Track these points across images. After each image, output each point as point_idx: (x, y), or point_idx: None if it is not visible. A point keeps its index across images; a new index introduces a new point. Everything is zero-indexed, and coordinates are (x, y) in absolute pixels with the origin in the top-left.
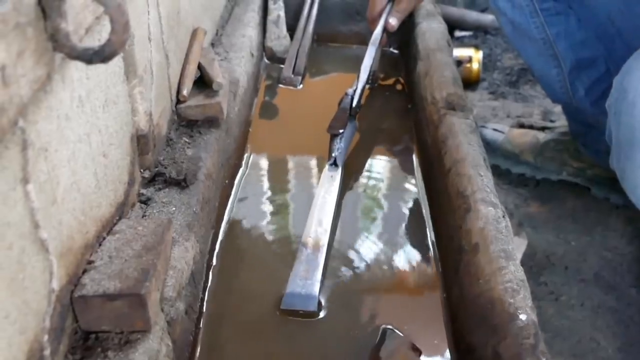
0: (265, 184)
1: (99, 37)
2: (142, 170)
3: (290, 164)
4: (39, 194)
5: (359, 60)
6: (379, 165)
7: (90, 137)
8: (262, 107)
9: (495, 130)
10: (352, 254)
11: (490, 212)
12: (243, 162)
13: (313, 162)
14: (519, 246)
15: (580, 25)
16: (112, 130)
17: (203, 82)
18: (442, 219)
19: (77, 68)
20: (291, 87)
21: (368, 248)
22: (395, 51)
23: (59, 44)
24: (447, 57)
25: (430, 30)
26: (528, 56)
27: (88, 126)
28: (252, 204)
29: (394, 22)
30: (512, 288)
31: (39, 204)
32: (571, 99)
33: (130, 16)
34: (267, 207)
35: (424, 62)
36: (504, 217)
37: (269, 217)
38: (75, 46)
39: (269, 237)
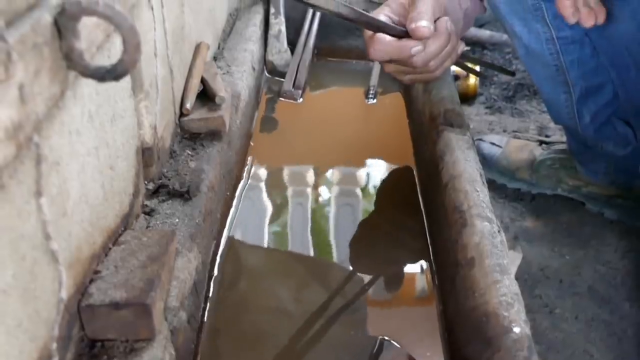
0: (266, 196)
1: (109, 53)
2: (146, 182)
3: (290, 177)
4: (50, 206)
5: (358, 74)
6: (378, 178)
7: (99, 151)
8: (263, 120)
9: (492, 144)
10: (349, 265)
11: (485, 227)
12: (244, 175)
13: (312, 175)
14: (514, 260)
15: (594, 53)
16: (119, 144)
17: (206, 96)
18: (439, 233)
19: (87, 84)
20: (292, 101)
21: (365, 259)
22: None
23: (73, 63)
24: (444, 75)
25: None
26: (538, 79)
27: (97, 140)
28: (253, 215)
29: (424, 22)
30: (506, 302)
31: (51, 216)
32: (576, 125)
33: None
34: (267, 219)
35: None
36: (499, 232)
37: (268, 229)
38: (89, 65)
39: (269, 248)
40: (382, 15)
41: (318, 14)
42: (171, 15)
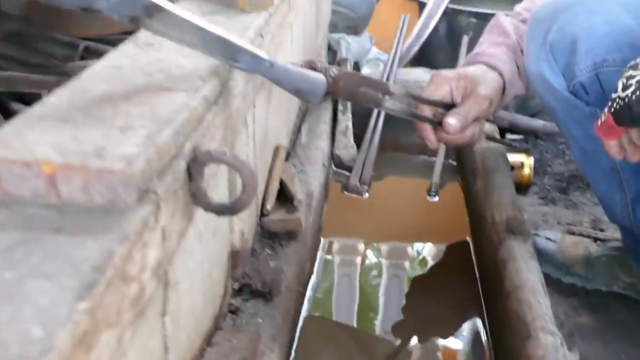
0: (335, 292)
1: (216, 177)
2: (232, 281)
3: (358, 273)
4: (170, 322)
5: (420, 167)
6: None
7: (203, 264)
8: (330, 215)
9: (547, 239)
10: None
11: (549, 340)
12: (315, 270)
13: (376, 271)
14: None
15: None
16: (216, 253)
17: (283, 195)
18: (501, 341)
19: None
20: (357, 196)
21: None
22: (454, 162)
23: (198, 200)
24: (506, 179)
25: (489, 148)
26: (593, 179)
27: (202, 255)
28: (323, 310)
29: (453, 122)
30: None
31: (170, 331)
32: (631, 224)
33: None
34: (337, 314)
35: (483, 180)
36: (562, 345)
37: (339, 324)
38: (211, 202)
39: (340, 343)
40: (447, 85)
41: (384, 111)
42: (259, 127)
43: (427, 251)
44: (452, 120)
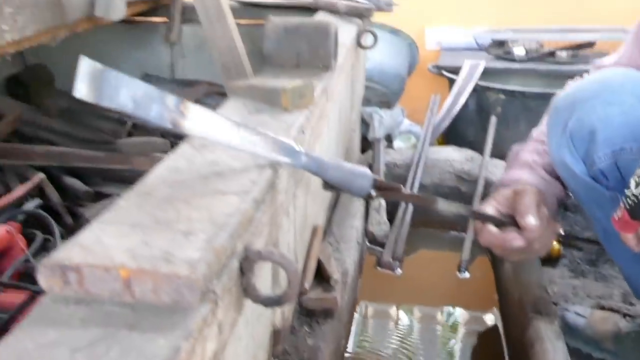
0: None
1: (261, 268)
2: (273, 359)
3: (391, 352)
4: None
5: (450, 242)
6: None
7: (248, 347)
8: (364, 291)
9: (577, 314)
10: None
11: None
12: (349, 345)
13: (410, 333)
14: None
15: None
16: (260, 335)
17: (319, 273)
18: None
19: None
20: (390, 272)
21: None
22: None
23: (248, 293)
24: (533, 261)
25: None
26: (617, 257)
27: (249, 339)
28: None
29: (532, 219)
30: None
31: None
32: None
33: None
34: None
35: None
36: None
37: None
38: (260, 295)
39: None
40: (490, 207)
41: (416, 189)
42: (299, 214)
43: (459, 315)
44: (530, 219)
